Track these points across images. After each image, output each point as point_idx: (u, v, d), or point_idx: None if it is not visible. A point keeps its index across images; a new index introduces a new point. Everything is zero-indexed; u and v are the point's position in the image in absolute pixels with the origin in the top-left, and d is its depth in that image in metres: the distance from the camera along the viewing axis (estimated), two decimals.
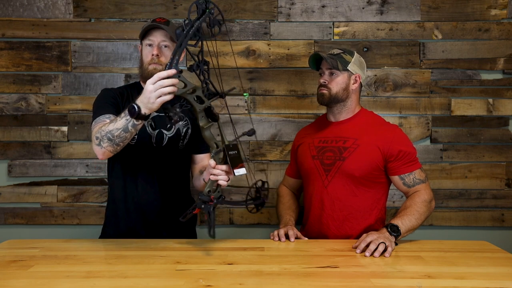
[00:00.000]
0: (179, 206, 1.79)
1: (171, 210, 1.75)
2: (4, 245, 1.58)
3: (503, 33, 2.23)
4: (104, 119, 1.56)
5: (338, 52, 1.78)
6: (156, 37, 1.68)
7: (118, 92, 1.74)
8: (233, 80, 2.23)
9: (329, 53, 1.79)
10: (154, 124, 1.72)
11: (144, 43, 1.70)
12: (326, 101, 1.77)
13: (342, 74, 1.75)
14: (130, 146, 1.68)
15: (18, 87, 2.25)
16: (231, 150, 1.42)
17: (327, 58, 1.73)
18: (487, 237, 2.15)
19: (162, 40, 1.69)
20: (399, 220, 1.57)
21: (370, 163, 1.69)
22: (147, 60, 1.69)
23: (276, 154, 2.27)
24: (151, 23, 1.69)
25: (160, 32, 1.68)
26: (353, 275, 1.26)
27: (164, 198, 1.75)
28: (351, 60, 1.75)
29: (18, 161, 2.26)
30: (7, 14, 2.24)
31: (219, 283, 1.18)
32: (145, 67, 1.69)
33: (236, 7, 2.24)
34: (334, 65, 1.72)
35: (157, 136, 1.72)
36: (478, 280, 1.22)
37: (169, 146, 1.73)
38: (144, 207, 1.73)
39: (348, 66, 1.74)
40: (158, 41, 1.68)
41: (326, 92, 1.75)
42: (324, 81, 1.76)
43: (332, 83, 1.75)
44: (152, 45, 1.68)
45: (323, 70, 1.79)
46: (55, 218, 2.27)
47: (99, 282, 1.20)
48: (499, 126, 2.26)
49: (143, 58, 1.71)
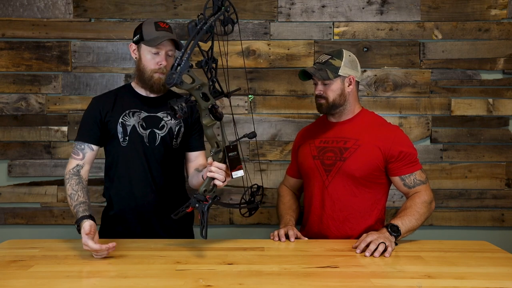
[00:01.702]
0: (175, 205, 1.79)
1: (167, 209, 1.76)
2: (4, 245, 1.58)
3: (503, 33, 2.23)
4: (78, 152, 1.69)
5: (326, 59, 1.75)
6: (165, 46, 1.67)
7: (106, 100, 1.75)
8: (233, 80, 2.23)
9: (317, 62, 1.77)
10: (145, 124, 1.73)
11: (148, 50, 1.68)
12: (325, 110, 1.77)
13: (335, 81, 1.73)
14: (122, 147, 1.72)
15: (18, 87, 2.25)
16: (231, 151, 1.42)
17: (316, 72, 1.71)
18: (487, 237, 2.15)
19: (169, 50, 1.69)
20: (399, 220, 1.57)
21: (371, 163, 1.69)
22: (151, 67, 1.68)
23: (276, 154, 2.27)
24: (158, 30, 1.66)
25: (168, 41, 1.68)
26: (353, 275, 1.26)
27: (160, 197, 1.75)
28: (341, 64, 1.73)
29: (18, 161, 2.26)
30: (7, 14, 2.24)
31: (219, 283, 1.18)
32: (149, 74, 1.69)
33: (236, 7, 2.23)
34: (324, 77, 1.71)
35: (149, 135, 1.73)
36: (478, 280, 1.22)
37: (162, 145, 1.74)
38: (140, 207, 1.73)
39: (339, 71, 1.72)
40: (166, 50, 1.68)
41: (324, 102, 1.75)
42: (319, 91, 1.75)
43: (328, 92, 1.74)
44: (159, 54, 1.67)
45: (315, 80, 1.78)
46: (55, 218, 2.27)
47: (99, 282, 1.20)
48: (499, 126, 2.26)
49: (145, 63, 1.70)
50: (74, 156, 1.70)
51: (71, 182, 1.62)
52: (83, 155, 1.69)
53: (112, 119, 1.71)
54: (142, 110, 1.74)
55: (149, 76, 1.69)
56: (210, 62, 1.38)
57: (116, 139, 1.72)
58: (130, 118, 1.72)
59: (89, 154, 1.70)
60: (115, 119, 1.71)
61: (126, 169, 1.74)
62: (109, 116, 1.72)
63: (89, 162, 1.71)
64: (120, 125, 1.71)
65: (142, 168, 1.73)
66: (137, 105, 1.75)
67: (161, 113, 1.75)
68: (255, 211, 1.63)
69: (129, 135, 1.71)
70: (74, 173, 1.66)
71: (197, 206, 1.39)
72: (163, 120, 1.75)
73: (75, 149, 1.71)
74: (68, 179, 1.64)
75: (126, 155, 1.73)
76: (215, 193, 1.44)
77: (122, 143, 1.72)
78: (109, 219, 1.78)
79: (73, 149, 1.71)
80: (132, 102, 1.75)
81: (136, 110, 1.74)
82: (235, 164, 1.42)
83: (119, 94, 1.79)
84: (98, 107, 1.73)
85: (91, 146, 1.70)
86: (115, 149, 1.74)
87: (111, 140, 1.74)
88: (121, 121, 1.71)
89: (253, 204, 1.60)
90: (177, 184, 1.84)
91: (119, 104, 1.74)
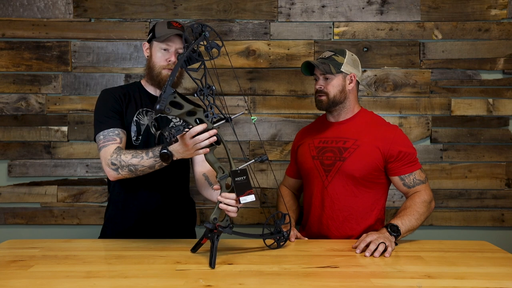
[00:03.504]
0: (178, 206, 1.79)
1: (171, 210, 1.76)
2: (4, 245, 1.58)
3: (503, 33, 2.23)
4: (114, 137, 1.59)
5: (329, 54, 1.77)
6: (175, 43, 1.68)
7: (119, 93, 1.72)
8: (233, 80, 2.23)
9: (321, 57, 1.78)
10: (157, 125, 1.73)
11: (159, 46, 1.67)
12: (325, 107, 1.77)
13: (336, 76, 1.74)
14: (134, 146, 1.69)
15: (18, 87, 2.25)
16: (238, 176, 1.35)
17: (319, 64, 1.73)
18: (487, 237, 2.16)
19: (179, 47, 1.69)
20: (399, 220, 1.57)
21: (370, 163, 1.69)
22: (160, 64, 1.68)
23: (276, 154, 2.27)
24: (169, 28, 1.66)
25: (178, 39, 1.68)
26: (353, 275, 1.26)
27: (164, 198, 1.75)
28: (344, 60, 1.74)
29: (18, 161, 2.26)
30: (7, 14, 2.24)
31: (219, 283, 1.18)
32: (157, 70, 1.69)
33: (236, 7, 2.24)
34: (327, 70, 1.72)
35: (159, 136, 1.73)
36: (478, 280, 1.22)
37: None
38: (144, 207, 1.73)
39: (341, 67, 1.73)
40: (176, 48, 1.68)
41: (324, 97, 1.75)
42: (320, 86, 1.76)
43: (328, 87, 1.74)
44: (169, 51, 1.68)
45: (317, 75, 1.78)
46: (55, 218, 2.27)
47: (99, 282, 1.20)
48: (499, 126, 2.26)
49: (155, 60, 1.69)
50: (110, 143, 1.57)
51: (125, 153, 1.52)
52: (120, 140, 1.60)
53: (128, 114, 1.69)
54: (154, 110, 1.72)
55: (157, 72, 1.69)
56: (206, 90, 1.36)
57: (128, 136, 1.68)
58: (144, 117, 1.71)
59: (124, 139, 1.63)
60: (130, 115, 1.69)
61: None
62: (125, 109, 1.68)
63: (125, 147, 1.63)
64: (135, 123, 1.69)
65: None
66: (148, 104, 1.74)
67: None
68: (284, 242, 1.52)
69: (143, 134, 1.69)
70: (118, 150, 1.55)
71: (209, 236, 1.36)
72: (172, 122, 1.74)
73: (107, 137, 1.59)
74: (117, 155, 1.52)
75: None
76: (228, 221, 1.39)
77: (134, 141, 1.68)
78: (111, 219, 1.77)
79: (103, 138, 1.59)
80: (144, 100, 1.74)
81: (148, 110, 1.73)
82: (244, 189, 1.34)
83: (131, 91, 1.76)
84: (115, 97, 1.69)
85: (123, 131, 1.64)
86: (125, 146, 1.68)
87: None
88: (135, 119, 1.69)
89: (280, 234, 1.50)
90: (182, 185, 1.84)
91: (132, 100, 1.72)
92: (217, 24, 2.24)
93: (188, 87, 2.24)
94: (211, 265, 1.31)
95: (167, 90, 1.26)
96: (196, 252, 1.45)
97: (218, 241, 1.37)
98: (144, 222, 1.73)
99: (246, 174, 1.36)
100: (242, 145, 2.24)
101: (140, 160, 1.50)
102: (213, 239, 1.35)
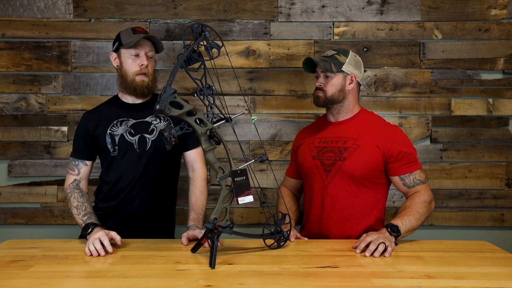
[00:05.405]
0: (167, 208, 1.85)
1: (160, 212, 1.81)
2: (4, 245, 1.58)
3: (503, 33, 2.23)
4: (73, 168, 1.77)
5: (332, 53, 1.77)
6: (144, 47, 1.70)
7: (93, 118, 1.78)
8: (233, 80, 2.23)
9: (323, 55, 1.79)
10: (134, 131, 1.74)
11: (128, 53, 1.70)
12: (322, 104, 1.78)
13: (336, 75, 1.74)
14: (112, 157, 1.75)
15: (18, 87, 2.25)
16: (238, 176, 1.37)
17: (320, 62, 1.73)
18: (487, 237, 2.15)
19: (149, 50, 1.71)
20: (399, 220, 1.57)
21: (370, 163, 1.69)
22: (133, 70, 1.71)
23: (276, 154, 2.27)
24: (135, 34, 1.69)
25: (147, 42, 1.69)
26: (353, 275, 1.26)
27: (151, 201, 1.77)
28: (346, 60, 1.75)
29: (18, 161, 2.26)
30: (7, 14, 2.24)
31: (219, 283, 1.18)
32: (131, 77, 1.71)
33: (236, 7, 2.24)
34: (327, 68, 1.72)
35: (139, 141, 1.74)
36: (478, 280, 1.22)
37: (153, 149, 1.75)
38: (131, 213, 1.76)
39: (343, 67, 1.74)
40: (145, 51, 1.69)
41: (322, 94, 1.76)
42: (320, 84, 1.77)
43: (327, 85, 1.75)
44: (139, 55, 1.70)
45: (318, 73, 1.79)
46: (55, 218, 2.27)
47: (99, 282, 1.20)
48: (499, 126, 2.26)
49: (127, 67, 1.72)
50: (70, 172, 1.78)
51: (75, 195, 1.71)
52: (78, 171, 1.77)
53: (101, 132, 1.75)
54: (129, 118, 1.76)
55: (131, 79, 1.71)
56: (206, 90, 1.36)
57: (106, 149, 1.75)
58: (118, 128, 1.74)
59: (83, 169, 1.77)
60: (103, 132, 1.74)
61: (118, 176, 1.76)
62: (98, 130, 1.75)
63: (85, 177, 1.78)
64: (109, 136, 1.74)
65: (133, 174, 1.74)
66: (124, 113, 1.77)
67: (149, 118, 1.76)
68: (284, 242, 1.52)
69: (118, 144, 1.74)
70: (74, 187, 1.73)
71: (209, 236, 1.37)
72: (152, 124, 1.76)
73: (70, 165, 1.78)
74: (71, 193, 1.72)
75: (117, 163, 1.76)
76: (228, 221, 1.40)
77: (112, 153, 1.75)
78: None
79: (69, 164, 1.79)
80: (120, 111, 1.78)
81: (123, 119, 1.76)
82: (243, 190, 1.35)
83: (107, 107, 1.82)
84: (86, 123, 1.77)
85: (84, 162, 1.78)
86: (107, 159, 1.77)
87: (103, 152, 1.77)
88: (109, 132, 1.74)
89: (280, 234, 1.50)
90: (170, 187, 1.86)
91: (106, 116, 1.77)
92: (217, 24, 2.24)
93: (188, 87, 2.24)
94: (211, 265, 1.31)
95: (167, 90, 1.26)
96: (196, 252, 1.45)
97: (218, 241, 1.36)
98: (132, 227, 1.76)
99: (246, 174, 1.37)
100: (242, 145, 2.24)
101: (76, 215, 1.65)
102: (213, 239, 1.35)
